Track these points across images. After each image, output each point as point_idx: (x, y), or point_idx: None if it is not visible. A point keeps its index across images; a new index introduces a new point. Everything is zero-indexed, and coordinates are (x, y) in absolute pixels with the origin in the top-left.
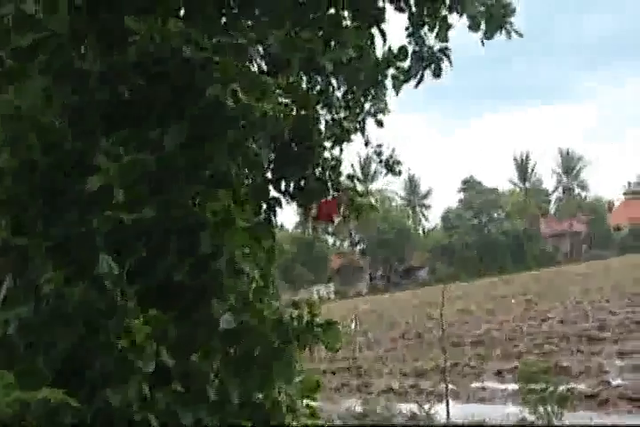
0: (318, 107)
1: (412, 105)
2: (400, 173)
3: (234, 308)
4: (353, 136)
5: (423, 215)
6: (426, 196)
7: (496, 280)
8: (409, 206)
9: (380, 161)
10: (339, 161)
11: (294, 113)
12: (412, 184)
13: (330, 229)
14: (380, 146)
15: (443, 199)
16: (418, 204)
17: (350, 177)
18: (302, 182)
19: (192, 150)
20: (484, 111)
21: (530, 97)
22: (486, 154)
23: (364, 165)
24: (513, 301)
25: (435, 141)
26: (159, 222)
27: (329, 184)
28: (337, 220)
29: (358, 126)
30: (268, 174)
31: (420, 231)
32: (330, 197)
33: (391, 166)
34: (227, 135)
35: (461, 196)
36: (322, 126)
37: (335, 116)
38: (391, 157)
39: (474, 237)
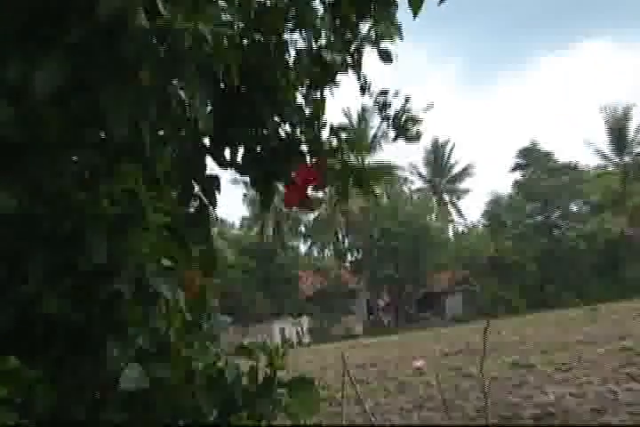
0: (286, 30)
1: (433, 47)
2: (418, 137)
3: (143, 356)
4: (341, 77)
5: (455, 208)
6: (460, 176)
7: (573, 314)
8: (433, 193)
9: (385, 117)
10: (317, 113)
11: (248, 39)
12: (437, 158)
13: (302, 230)
14: (384, 93)
15: (486, 182)
16: (447, 189)
17: (336, 130)
18: (259, 149)
19: (75, 100)
20: (541, 49)
21: (615, 21)
22: (552, 113)
23: (359, 126)
24: (600, 350)
25: (469, 97)
26: (17, 219)
27: (302, 149)
28: (319, 203)
29: (350, 60)
30: (205, 139)
31: (451, 234)
32: (306, 165)
33: (403, 126)
34: (134, 74)
35: (516, 176)
36: (291, 60)
37: (313, 43)
38: (403, 111)
39: (538, 244)
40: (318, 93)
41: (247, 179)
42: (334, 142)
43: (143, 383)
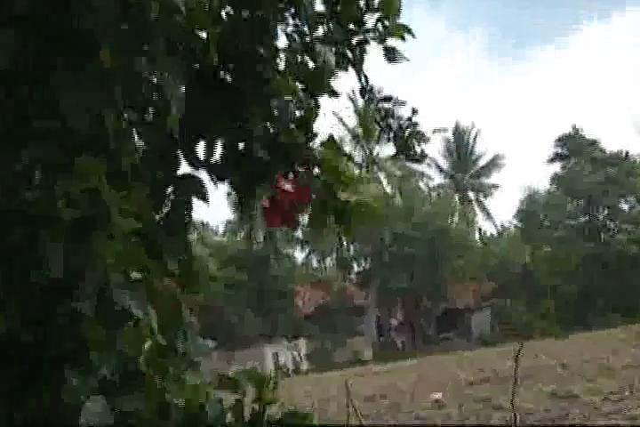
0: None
1: (453, 14)
2: (422, 157)
3: (108, 387)
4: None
5: (482, 207)
6: (487, 170)
7: (621, 333)
8: (455, 190)
9: (386, 129)
10: (310, 109)
11: (232, 11)
12: (460, 148)
13: (299, 235)
14: (387, 99)
15: (518, 176)
16: (471, 185)
17: (331, 141)
18: (240, 147)
19: (25, 83)
20: (582, 16)
21: None
22: (598, 93)
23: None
24: None
25: (496, 74)
26: None
27: (290, 154)
28: (303, 221)
29: (351, 56)
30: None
31: (476, 238)
32: (292, 179)
33: (406, 143)
34: (92, 52)
35: (555, 169)
36: (280, 43)
37: (302, 27)
38: (409, 124)
39: (582, 249)
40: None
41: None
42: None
43: (107, 419)
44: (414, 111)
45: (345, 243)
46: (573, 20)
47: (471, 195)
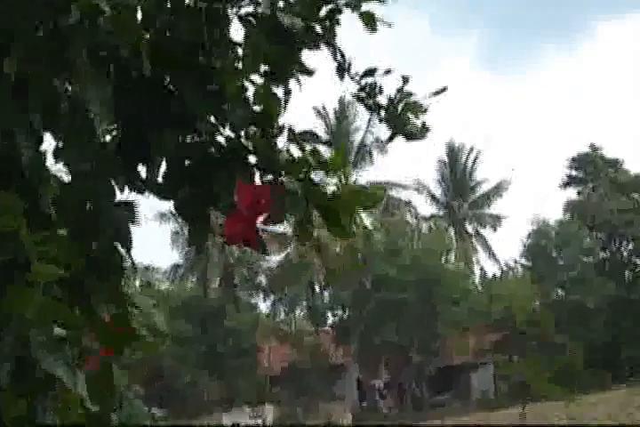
0: None
1: (442, 14)
2: (423, 133)
3: None
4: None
5: (483, 242)
6: (489, 198)
7: None
8: (451, 223)
9: (374, 107)
10: (271, 111)
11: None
12: (456, 172)
13: (261, 280)
14: (370, 73)
15: (525, 204)
16: (470, 216)
17: (299, 137)
18: (187, 162)
19: None
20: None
21: None
22: (618, 103)
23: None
24: None
25: (496, 82)
26: None
27: (249, 161)
28: (283, 241)
29: (319, 28)
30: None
31: (477, 279)
32: (253, 186)
33: (400, 118)
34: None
35: (570, 195)
36: (233, 30)
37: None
38: (400, 96)
39: (603, 292)
40: (277, 86)
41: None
42: (296, 154)
43: None
44: (405, 80)
45: (317, 288)
46: (587, 21)
47: (470, 228)
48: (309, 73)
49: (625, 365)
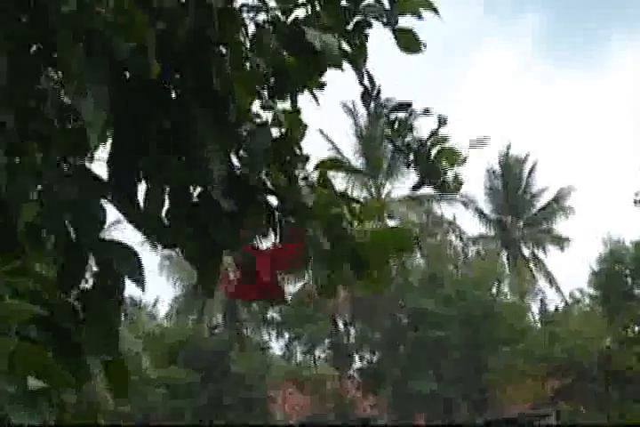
0: None
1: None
2: (457, 187)
3: None
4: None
5: (542, 269)
6: (548, 215)
7: None
8: (504, 245)
9: (403, 149)
10: (294, 136)
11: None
12: (509, 185)
13: (274, 316)
14: (402, 107)
15: (594, 223)
16: (527, 236)
17: (333, 164)
18: (196, 194)
19: None
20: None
21: None
22: None
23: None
24: None
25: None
26: None
27: (269, 201)
28: (287, 296)
29: (347, 46)
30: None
31: (535, 313)
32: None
33: (433, 167)
34: None
35: None
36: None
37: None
38: (435, 140)
39: None
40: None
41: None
42: (322, 195)
43: None
44: (442, 121)
45: (341, 326)
46: None
47: (526, 251)
48: (321, 86)
49: None
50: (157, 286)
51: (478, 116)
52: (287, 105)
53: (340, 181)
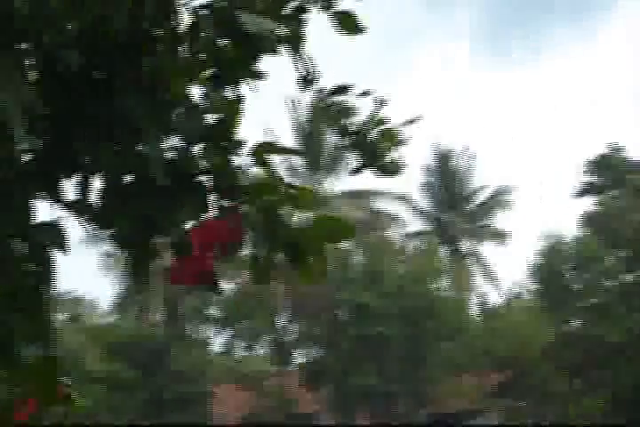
0: None
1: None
2: (397, 168)
3: None
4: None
5: (481, 264)
6: (486, 210)
7: None
8: (442, 241)
9: (343, 133)
10: (231, 122)
11: None
12: (446, 180)
13: (213, 312)
14: (341, 90)
15: (532, 218)
16: (466, 232)
17: (271, 148)
18: (129, 179)
19: None
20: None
21: None
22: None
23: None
24: None
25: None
26: None
27: (203, 181)
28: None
29: (284, 30)
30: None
31: (476, 308)
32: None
33: (372, 149)
34: None
35: (587, 206)
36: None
37: None
38: (374, 123)
39: (629, 322)
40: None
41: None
42: (259, 178)
43: None
44: (381, 102)
45: (281, 322)
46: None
47: (464, 246)
48: (260, 77)
49: None
50: (100, 284)
51: (415, 111)
52: (228, 92)
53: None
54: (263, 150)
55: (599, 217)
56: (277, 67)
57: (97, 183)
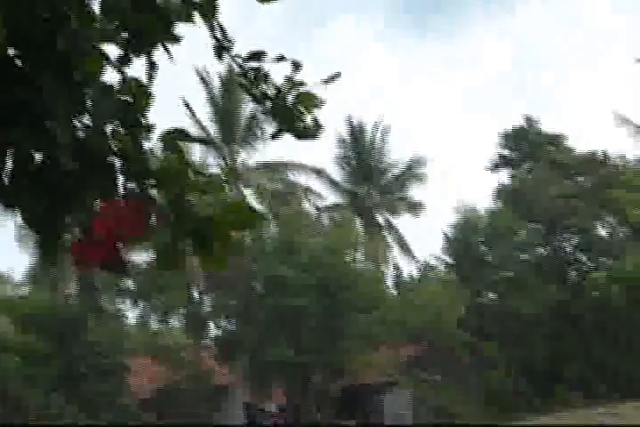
0: None
1: None
2: (315, 131)
3: None
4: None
5: (396, 236)
6: (401, 183)
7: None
8: (357, 213)
9: (260, 98)
10: (140, 101)
11: None
12: (361, 152)
13: (129, 285)
14: (257, 56)
15: (448, 191)
16: (381, 204)
17: (176, 135)
18: (39, 158)
19: None
20: None
21: None
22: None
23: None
24: None
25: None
26: None
27: (113, 163)
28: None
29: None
30: None
31: (390, 281)
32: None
33: (289, 112)
34: None
35: (501, 179)
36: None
37: None
38: (290, 85)
39: (542, 295)
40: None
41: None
42: (168, 161)
43: None
44: (296, 66)
45: (196, 294)
46: None
47: (381, 219)
48: (176, 39)
49: (567, 385)
50: (15, 256)
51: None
52: (142, 65)
53: (196, 148)
54: (172, 137)
55: (514, 190)
56: (193, 40)
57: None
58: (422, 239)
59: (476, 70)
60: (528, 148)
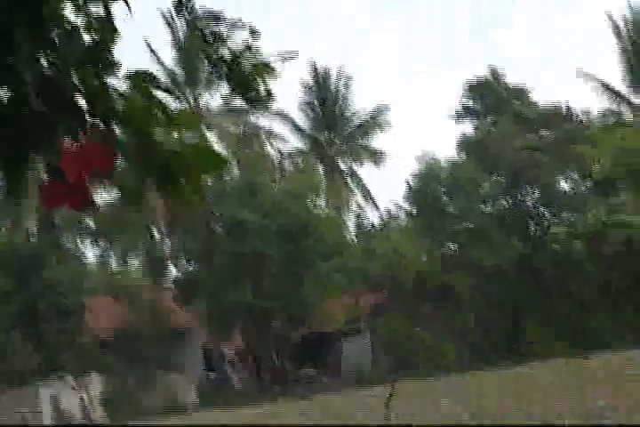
0: None
1: None
2: (266, 98)
3: None
4: None
5: (358, 183)
6: (365, 129)
7: (554, 368)
8: (320, 159)
9: (216, 61)
10: (104, 42)
11: None
12: (325, 100)
13: (89, 223)
14: (216, 19)
15: (410, 140)
16: (344, 151)
17: (138, 79)
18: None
19: None
20: None
21: None
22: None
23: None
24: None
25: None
26: None
27: (79, 104)
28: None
29: None
30: None
31: (353, 228)
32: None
33: (244, 79)
34: None
35: (464, 130)
36: None
37: None
38: (246, 52)
39: (502, 247)
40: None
41: None
42: (134, 101)
43: None
44: (253, 33)
45: (156, 234)
46: None
47: (343, 165)
48: None
49: (523, 339)
50: None
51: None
52: (101, 11)
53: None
54: (140, 80)
55: (477, 142)
56: None
57: None
58: (389, 191)
59: (444, 25)
60: (493, 100)
